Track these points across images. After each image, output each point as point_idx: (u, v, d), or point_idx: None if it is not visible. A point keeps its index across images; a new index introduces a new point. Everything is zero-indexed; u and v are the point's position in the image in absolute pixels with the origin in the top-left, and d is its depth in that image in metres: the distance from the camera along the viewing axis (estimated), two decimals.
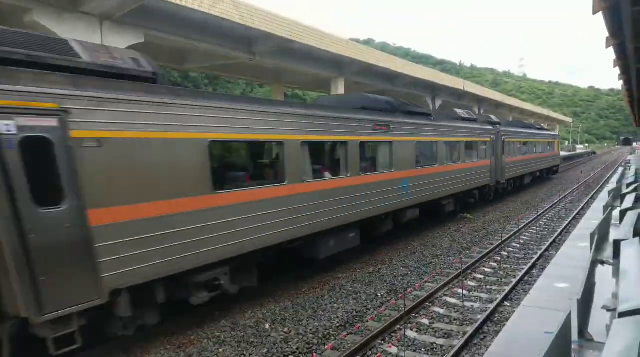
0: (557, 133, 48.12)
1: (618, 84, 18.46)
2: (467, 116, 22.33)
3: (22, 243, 5.97)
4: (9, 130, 5.81)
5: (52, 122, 6.23)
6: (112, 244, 6.90)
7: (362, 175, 12.88)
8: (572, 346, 4.56)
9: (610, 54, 10.90)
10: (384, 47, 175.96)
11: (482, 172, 22.34)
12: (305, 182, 10.79)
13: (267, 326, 9.11)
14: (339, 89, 32.14)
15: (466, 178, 20.32)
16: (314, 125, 11.04)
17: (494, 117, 28.04)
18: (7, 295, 6.01)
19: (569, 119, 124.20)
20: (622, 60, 11.34)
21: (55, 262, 6.28)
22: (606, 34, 9.18)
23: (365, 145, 13.52)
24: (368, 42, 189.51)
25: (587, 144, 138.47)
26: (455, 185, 19.20)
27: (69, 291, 6.41)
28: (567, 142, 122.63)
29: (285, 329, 8.92)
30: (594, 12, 7.23)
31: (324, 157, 12.55)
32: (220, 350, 8.12)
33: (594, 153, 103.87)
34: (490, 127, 24.03)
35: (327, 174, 11.88)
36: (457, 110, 23.06)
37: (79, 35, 16.52)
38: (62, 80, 6.46)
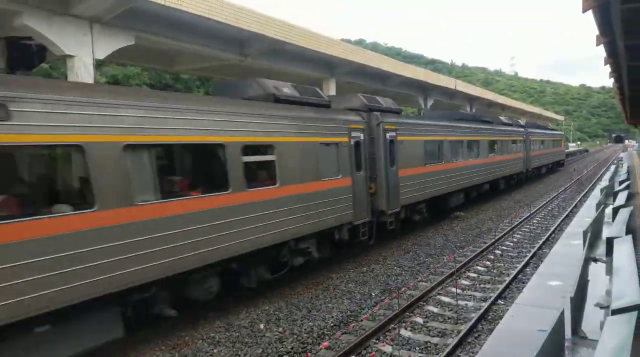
0: (562, 132, 59.69)
1: (609, 82, 18.59)
2: (506, 121, 31.21)
3: (387, 182, 14.52)
4: (386, 138, 14.51)
5: (394, 133, 14.97)
6: (402, 185, 15.46)
7: (467, 161, 21.85)
8: (566, 344, 4.58)
9: (601, 51, 10.93)
10: (375, 47, 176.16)
11: (519, 162, 31.59)
12: (450, 163, 19.85)
13: (261, 326, 9.08)
14: (331, 89, 32.08)
15: (511, 165, 29.50)
16: (452, 131, 20.56)
17: (521, 121, 38.20)
18: (377, 202, 14.40)
19: (560, 117, 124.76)
20: (613, 58, 11.36)
21: (392, 191, 14.88)
22: (596, 31, 9.21)
23: (469, 143, 22.49)
24: (359, 43, 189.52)
25: (579, 142, 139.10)
26: (506, 170, 28.19)
27: (393, 203, 14.97)
28: None
29: (280, 329, 8.90)
30: (584, 11, 7.24)
31: (453, 149, 20.60)
32: (215, 351, 8.09)
33: (586, 151, 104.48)
34: (522, 129, 33.04)
35: (454, 159, 20.51)
36: (501, 117, 32.46)
37: (69, 38, 16.38)
38: (396, 116, 16.05)
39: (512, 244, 15.64)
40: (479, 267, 12.91)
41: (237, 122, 9.41)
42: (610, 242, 8.50)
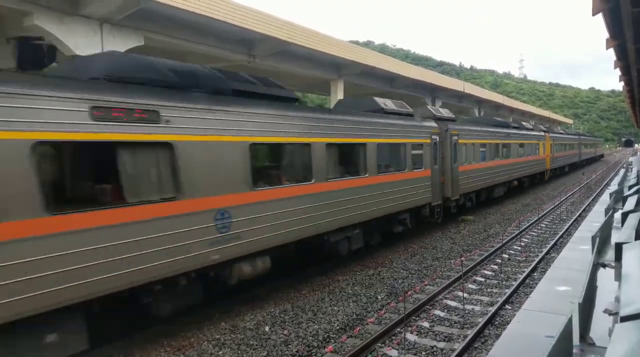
0: (601, 138, 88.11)
1: (619, 85, 18.57)
2: (569, 132, 40.36)
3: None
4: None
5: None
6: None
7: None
8: (574, 350, 4.52)
9: (611, 54, 10.86)
10: (383, 49, 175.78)
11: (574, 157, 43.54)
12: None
13: (266, 328, 9.07)
14: (339, 90, 32.13)
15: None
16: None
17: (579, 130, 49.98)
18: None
19: (569, 121, 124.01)
20: (623, 61, 11.29)
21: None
22: (606, 35, 9.13)
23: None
24: (367, 44, 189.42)
25: None
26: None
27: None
28: None
29: (285, 332, 8.88)
30: (594, 14, 7.19)
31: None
32: (220, 352, 8.08)
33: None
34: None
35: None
36: (554, 127, 35.68)
37: (80, 38, 16.51)
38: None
39: (519, 248, 15.53)
40: (486, 272, 12.83)
41: None
42: (619, 247, 8.38)
